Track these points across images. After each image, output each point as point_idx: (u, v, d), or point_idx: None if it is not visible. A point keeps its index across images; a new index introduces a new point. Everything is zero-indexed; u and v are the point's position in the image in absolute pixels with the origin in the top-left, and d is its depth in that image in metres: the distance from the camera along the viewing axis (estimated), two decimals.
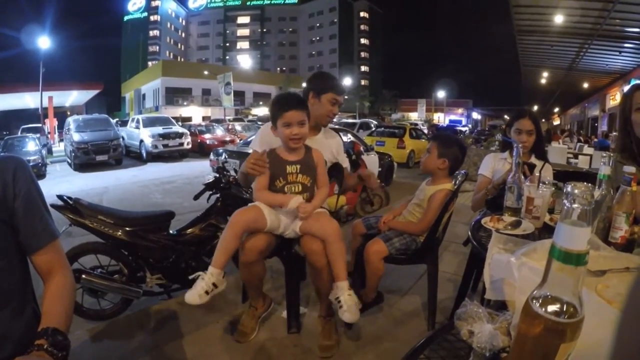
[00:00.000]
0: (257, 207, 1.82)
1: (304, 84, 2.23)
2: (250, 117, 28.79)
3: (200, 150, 14.07)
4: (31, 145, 11.23)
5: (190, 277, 1.80)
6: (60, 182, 9.10)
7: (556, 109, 34.20)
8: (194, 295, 1.67)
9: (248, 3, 74.18)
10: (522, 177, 1.62)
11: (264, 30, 75.41)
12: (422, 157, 2.22)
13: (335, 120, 2.67)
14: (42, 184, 1.16)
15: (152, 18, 70.80)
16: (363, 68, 71.52)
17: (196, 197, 2.63)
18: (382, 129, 13.68)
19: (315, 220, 1.80)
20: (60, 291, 0.96)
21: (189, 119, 30.64)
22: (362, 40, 72.36)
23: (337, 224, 1.85)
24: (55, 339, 0.83)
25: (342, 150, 2.30)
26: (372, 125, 16.00)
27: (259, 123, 17.92)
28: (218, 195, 2.64)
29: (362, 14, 71.65)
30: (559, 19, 11.92)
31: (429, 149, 2.17)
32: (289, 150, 1.85)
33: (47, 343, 0.81)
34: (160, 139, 12.98)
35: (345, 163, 2.28)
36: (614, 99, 17.81)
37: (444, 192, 2.08)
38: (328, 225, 1.80)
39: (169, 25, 72.42)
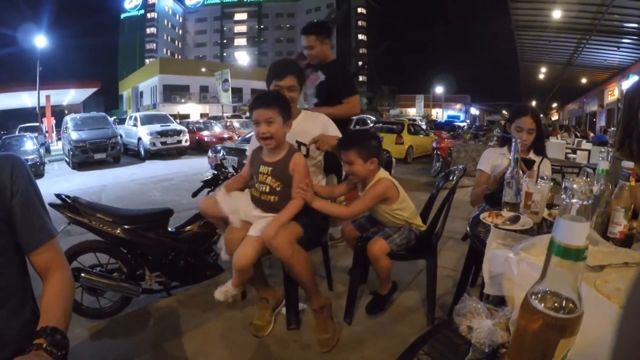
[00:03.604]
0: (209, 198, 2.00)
1: None
2: (247, 114, 28.65)
3: (199, 148, 14.05)
4: (29, 144, 11.19)
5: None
6: (58, 181, 9.07)
7: (554, 104, 34.19)
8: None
9: (245, 0, 73.90)
10: (521, 172, 1.63)
11: (262, 26, 75.10)
12: (346, 169, 2.00)
13: None
14: (41, 183, 1.16)
15: (149, 15, 70.46)
16: (361, 64, 71.27)
17: (195, 194, 2.63)
18: (380, 124, 13.62)
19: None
20: (58, 290, 0.95)
21: (187, 116, 30.45)
22: (360, 36, 72.06)
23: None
24: (55, 338, 0.83)
25: (331, 127, 2.18)
26: (370, 121, 15.97)
27: None
28: None
29: (359, 9, 71.28)
30: (557, 14, 11.91)
31: (349, 161, 1.93)
32: (267, 150, 1.85)
33: (46, 342, 0.81)
34: (158, 136, 12.95)
35: (338, 134, 2.14)
36: (612, 94, 17.79)
37: (385, 183, 1.98)
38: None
39: (166, 22, 72.05)
